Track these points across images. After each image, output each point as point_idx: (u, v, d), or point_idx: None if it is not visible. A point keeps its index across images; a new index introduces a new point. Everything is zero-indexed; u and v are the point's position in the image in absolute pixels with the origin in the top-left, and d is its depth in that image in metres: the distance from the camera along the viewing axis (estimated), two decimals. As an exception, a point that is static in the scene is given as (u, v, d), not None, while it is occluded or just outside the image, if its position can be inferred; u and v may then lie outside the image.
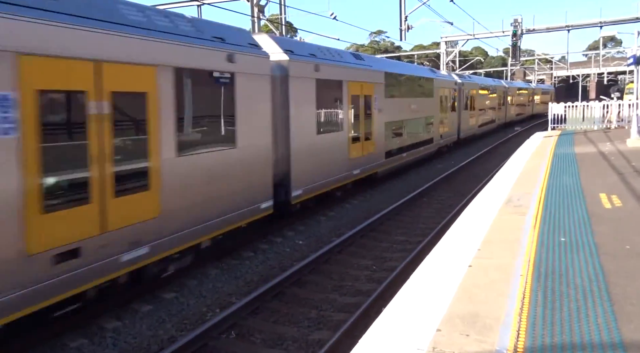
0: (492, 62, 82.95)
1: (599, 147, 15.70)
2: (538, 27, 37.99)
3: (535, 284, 4.71)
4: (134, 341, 6.30)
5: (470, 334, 3.75)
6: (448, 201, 14.15)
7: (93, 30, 6.04)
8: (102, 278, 6.26)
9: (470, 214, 7.72)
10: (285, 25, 22.10)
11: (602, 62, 62.27)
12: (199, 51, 7.75)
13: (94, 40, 6.05)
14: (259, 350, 6.08)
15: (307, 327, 6.66)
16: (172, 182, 7.31)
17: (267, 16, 20.42)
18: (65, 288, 5.77)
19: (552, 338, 3.67)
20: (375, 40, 79.76)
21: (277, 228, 10.90)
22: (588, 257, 5.42)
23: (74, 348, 6.08)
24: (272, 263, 9.12)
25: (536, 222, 6.93)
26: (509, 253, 5.64)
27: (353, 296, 7.64)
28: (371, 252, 9.81)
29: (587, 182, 9.90)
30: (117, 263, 6.43)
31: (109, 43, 6.25)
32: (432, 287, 4.74)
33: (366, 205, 13.67)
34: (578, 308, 4.16)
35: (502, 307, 4.22)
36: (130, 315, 6.93)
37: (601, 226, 6.62)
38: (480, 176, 17.43)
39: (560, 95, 68.16)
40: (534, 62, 74.46)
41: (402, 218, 12.42)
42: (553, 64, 73.08)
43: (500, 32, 38.53)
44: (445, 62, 39.41)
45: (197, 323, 6.77)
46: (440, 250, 5.91)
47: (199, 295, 7.67)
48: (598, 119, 23.38)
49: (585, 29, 37.48)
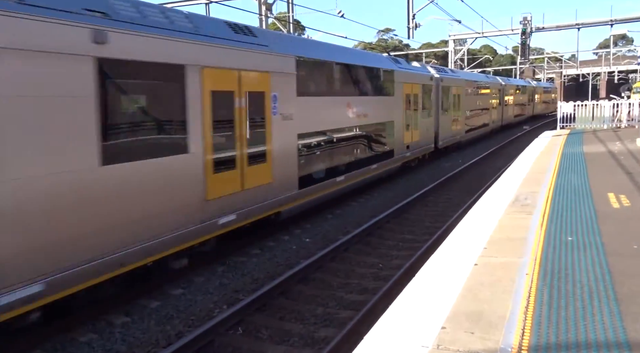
0: (501, 60, 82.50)
1: (608, 147, 15.59)
2: (548, 25, 37.76)
3: (541, 283, 4.71)
4: (142, 336, 6.38)
5: (475, 332, 3.77)
6: (455, 200, 14.13)
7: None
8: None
9: (477, 213, 7.71)
10: (293, 23, 22.12)
11: (612, 61, 61.70)
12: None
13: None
14: (266, 347, 6.13)
15: (314, 324, 6.70)
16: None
17: (275, 14, 20.45)
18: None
19: (557, 336, 3.68)
20: (383, 38, 79.58)
21: (284, 226, 10.95)
22: (595, 257, 5.42)
23: (83, 343, 6.16)
24: (279, 260, 9.17)
25: (543, 221, 6.92)
26: (515, 252, 5.64)
27: (359, 294, 7.67)
28: (377, 250, 9.83)
29: (595, 181, 9.85)
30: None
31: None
32: (438, 285, 4.75)
33: (372, 204, 13.68)
34: (584, 308, 4.16)
35: (508, 306, 4.23)
36: (139, 311, 7.01)
37: (609, 226, 6.60)
38: (487, 174, 17.38)
39: (570, 93, 67.67)
40: (543, 61, 73.95)
41: (409, 216, 12.42)
42: (563, 63, 72.54)
43: (510, 31, 38.35)
44: (453, 60, 39.26)
45: (204, 319, 6.83)
46: (446, 249, 5.92)
47: (206, 291, 7.74)
48: (608, 118, 23.20)
49: (595, 27, 37.16)
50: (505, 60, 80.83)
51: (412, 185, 16.15)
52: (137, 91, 6.96)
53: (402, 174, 17.84)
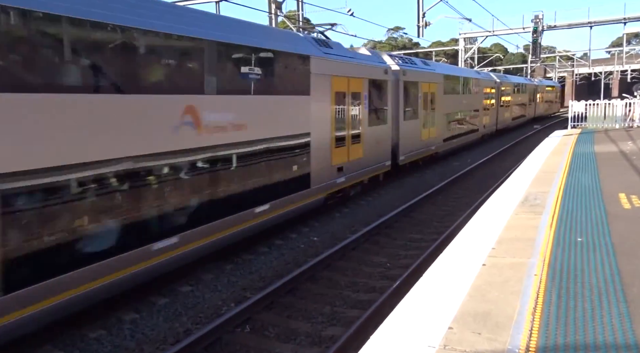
0: (512, 59, 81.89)
1: (620, 146, 15.43)
2: (559, 24, 37.44)
3: (550, 284, 4.68)
4: (151, 333, 6.43)
5: (482, 332, 3.76)
6: (464, 199, 14.06)
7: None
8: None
9: (486, 212, 7.68)
10: (302, 21, 22.13)
11: (625, 59, 60.94)
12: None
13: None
14: (273, 345, 6.15)
15: (321, 322, 6.72)
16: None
17: (285, 12, 20.47)
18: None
19: (565, 338, 3.66)
20: (392, 36, 79.33)
21: (292, 224, 10.97)
22: (605, 258, 5.37)
23: (93, 339, 6.22)
24: (287, 258, 9.19)
25: (552, 221, 6.87)
26: (523, 253, 5.61)
27: (366, 293, 7.67)
28: (385, 249, 9.82)
29: (606, 181, 9.76)
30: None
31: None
32: (445, 285, 4.74)
33: (380, 203, 13.66)
34: (593, 309, 4.13)
35: (515, 306, 4.21)
36: (148, 308, 7.06)
37: (619, 226, 6.54)
38: (497, 174, 17.27)
39: (582, 92, 66.95)
40: (554, 59, 73.25)
41: (417, 215, 12.39)
42: (574, 61, 71.82)
43: (521, 29, 38.06)
44: (463, 58, 39.03)
45: (212, 316, 6.87)
46: (454, 248, 5.90)
47: (215, 289, 7.78)
48: (620, 118, 22.96)
49: (608, 25, 36.78)
50: (516, 58, 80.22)
51: (421, 184, 16.10)
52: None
53: (409, 173, 17.77)
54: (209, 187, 7.87)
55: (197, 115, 7.52)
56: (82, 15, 5.88)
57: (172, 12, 7.50)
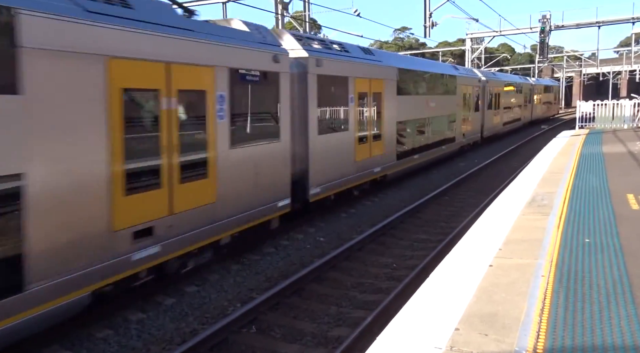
0: (519, 59, 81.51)
1: (628, 147, 15.32)
2: (567, 24, 37.24)
3: (557, 285, 4.65)
4: (157, 333, 6.45)
5: (489, 334, 3.74)
6: (470, 200, 14.01)
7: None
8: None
9: (493, 213, 7.64)
10: (309, 22, 22.15)
11: (634, 59, 60.48)
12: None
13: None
14: (279, 345, 6.15)
15: (327, 323, 6.71)
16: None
17: (292, 13, 20.50)
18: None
19: (572, 340, 3.63)
20: (399, 37, 79.22)
21: (298, 225, 10.98)
22: (613, 259, 5.33)
23: (100, 339, 6.25)
24: (293, 259, 9.19)
25: (560, 222, 6.83)
26: (530, 254, 5.58)
27: (373, 293, 7.66)
28: (391, 250, 9.80)
29: (614, 182, 9.69)
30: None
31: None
32: (452, 286, 4.72)
33: (387, 203, 13.64)
34: (600, 311, 4.10)
35: (522, 308, 4.19)
36: (154, 308, 7.09)
37: (627, 227, 6.49)
38: (504, 174, 17.20)
39: (590, 92, 66.52)
40: (562, 59, 72.85)
41: (423, 216, 12.36)
42: (582, 61, 71.39)
43: (528, 29, 37.89)
44: (470, 59, 38.90)
45: (218, 317, 6.88)
46: (460, 249, 5.88)
47: (221, 289, 7.80)
48: (628, 118, 22.80)
49: (616, 25, 36.52)
50: (523, 58, 79.84)
51: (427, 184, 16.06)
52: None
53: (415, 174, 17.74)
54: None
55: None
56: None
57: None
